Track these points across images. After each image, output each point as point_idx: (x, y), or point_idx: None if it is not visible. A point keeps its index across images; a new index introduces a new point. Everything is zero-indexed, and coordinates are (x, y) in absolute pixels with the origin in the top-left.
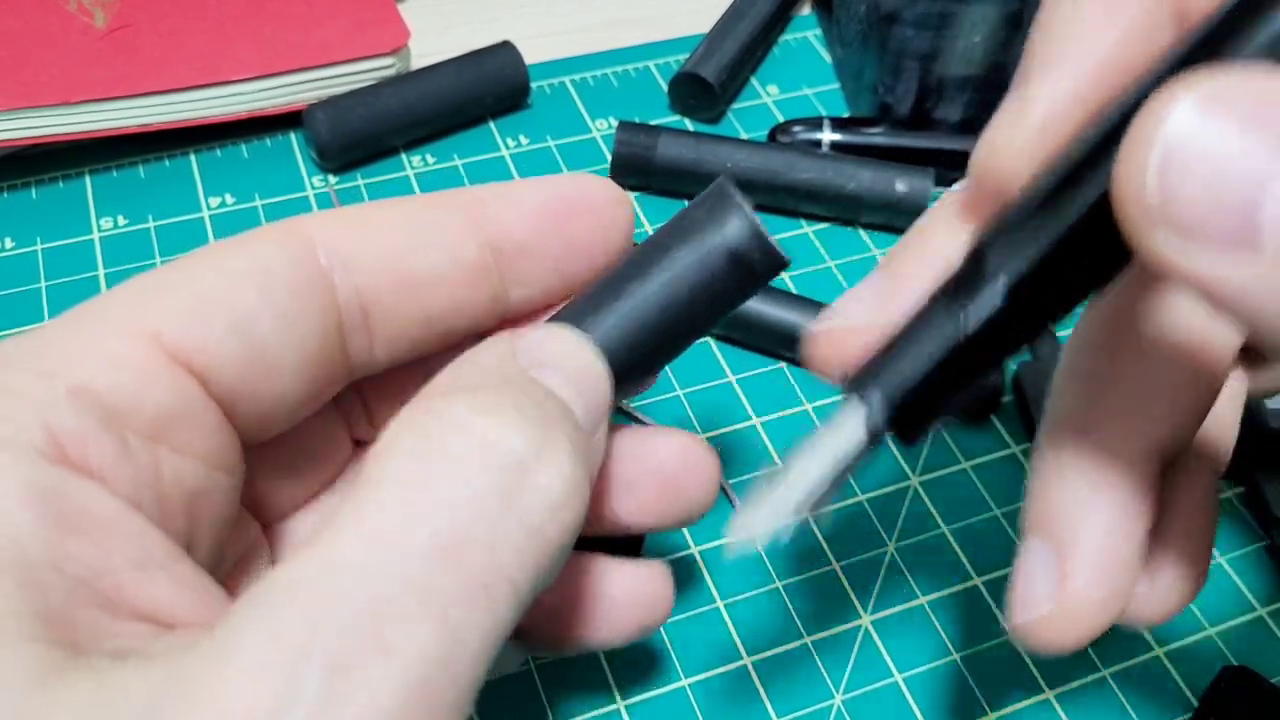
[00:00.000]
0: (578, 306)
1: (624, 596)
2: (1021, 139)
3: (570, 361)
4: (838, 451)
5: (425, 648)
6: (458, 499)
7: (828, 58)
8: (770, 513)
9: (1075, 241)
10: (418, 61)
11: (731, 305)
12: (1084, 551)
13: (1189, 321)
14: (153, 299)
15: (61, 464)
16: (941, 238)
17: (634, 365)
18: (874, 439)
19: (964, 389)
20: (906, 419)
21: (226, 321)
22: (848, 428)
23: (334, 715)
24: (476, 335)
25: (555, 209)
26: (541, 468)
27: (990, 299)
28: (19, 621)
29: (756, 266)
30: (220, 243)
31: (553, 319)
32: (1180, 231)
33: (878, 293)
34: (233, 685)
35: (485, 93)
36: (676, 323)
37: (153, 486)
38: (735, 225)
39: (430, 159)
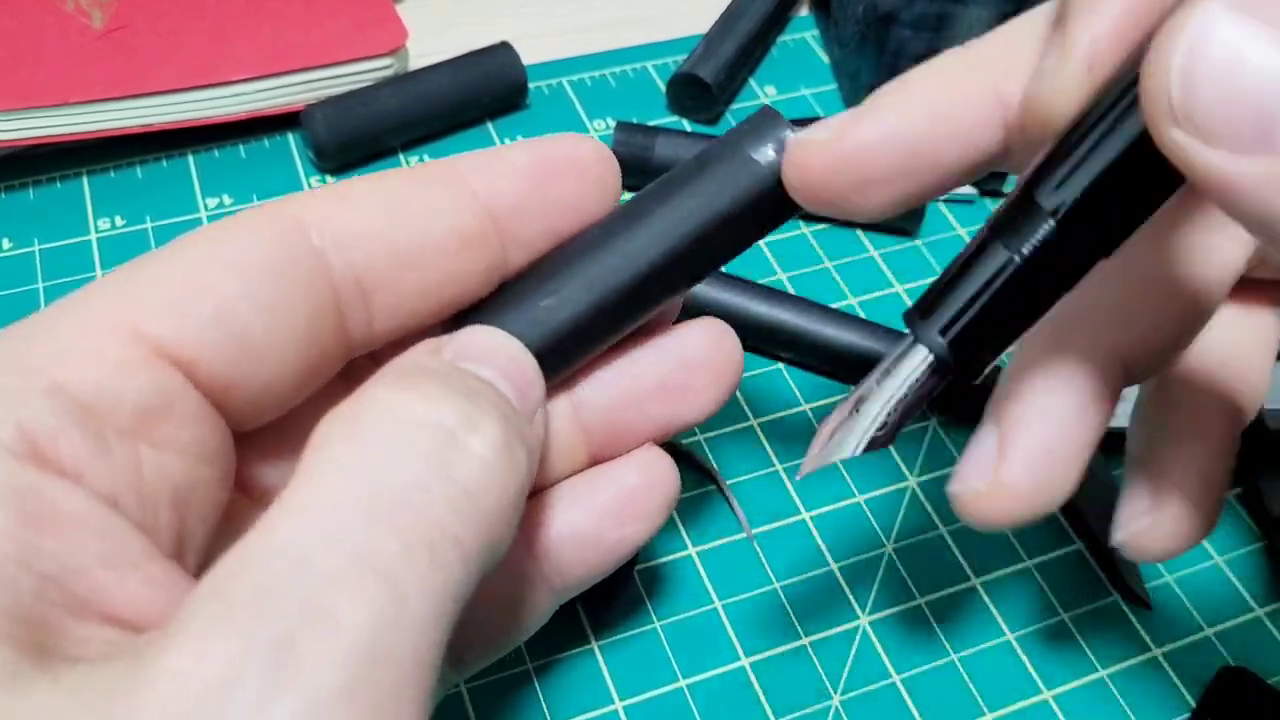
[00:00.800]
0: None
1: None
2: (1068, 77)
3: (497, 354)
4: (903, 387)
5: (372, 613)
6: (389, 469)
7: (825, 58)
8: (842, 442)
9: (1121, 171)
10: (416, 62)
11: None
12: (1024, 440)
13: (1183, 238)
14: (132, 291)
15: (34, 462)
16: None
17: (637, 297)
18: (938, 374)
19: (1021, 326)
20: (966, 355)
21: (207, 310)
22: (911, 363)
23: (284, 688)
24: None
25: (543, 169)
26: (471, 436)
27: (1040, 231)
28: None
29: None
30: (204, 229)
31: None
32: (1199, 130)
33: (853, 117)
34: (181, 668)
35: (483, 93)
36: (690, 249)
37: (132, 483)
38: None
39: (428, 160)
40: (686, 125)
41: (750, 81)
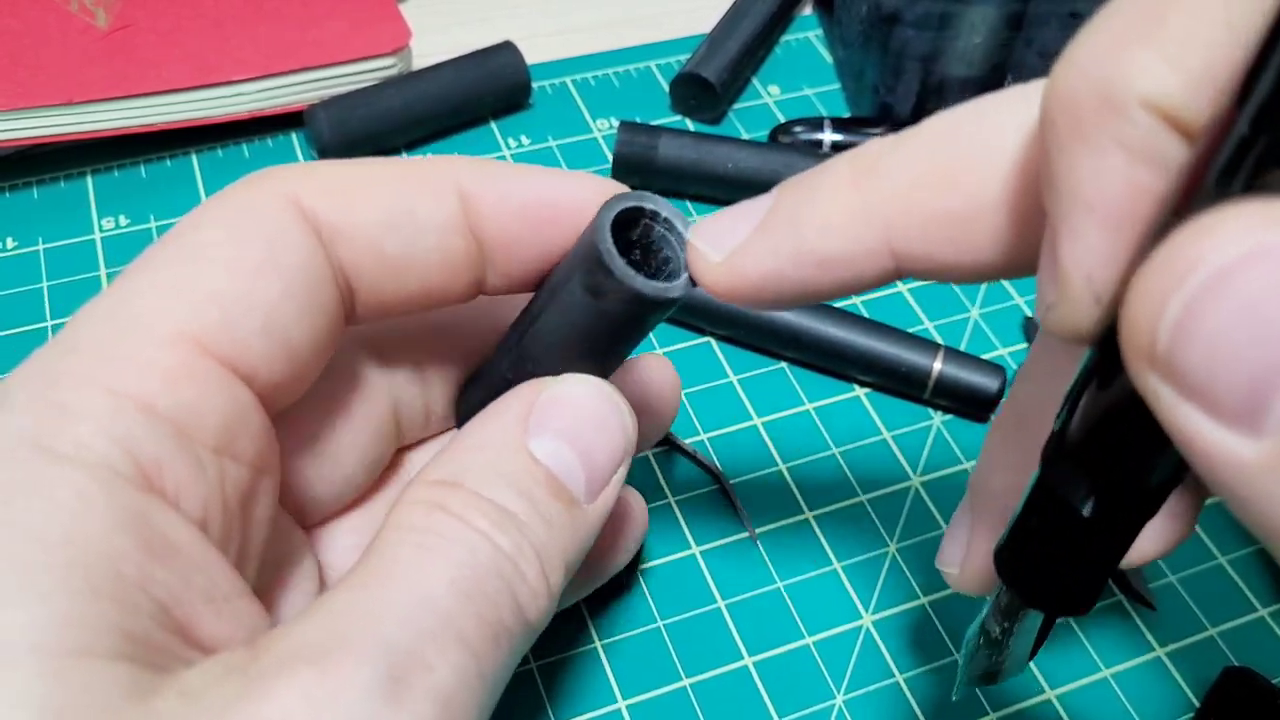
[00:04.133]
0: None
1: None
2: (1079, 315)
3: (583, 426)
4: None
5: (456, 671)
6: (468, 569)
7: (829, 58)
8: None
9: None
10: (419, 61)
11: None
12: (989, 532)
13: None
14: (181, 301)
15: (147, 490)
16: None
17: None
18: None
19: (1104, 569)
20: (1070, 604)
21: (258, 320)
22: (1027, 619)
23: (395, 712)
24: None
25: (545, 213)
26: (526, 566)
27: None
28: (115, 639)
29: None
30: (210, 214)
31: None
32: (1183, 390)
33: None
34: (305, 686)
35: (486, 93)
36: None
37: (219, 503)
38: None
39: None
40: (690, 125)
41: (754, 81)
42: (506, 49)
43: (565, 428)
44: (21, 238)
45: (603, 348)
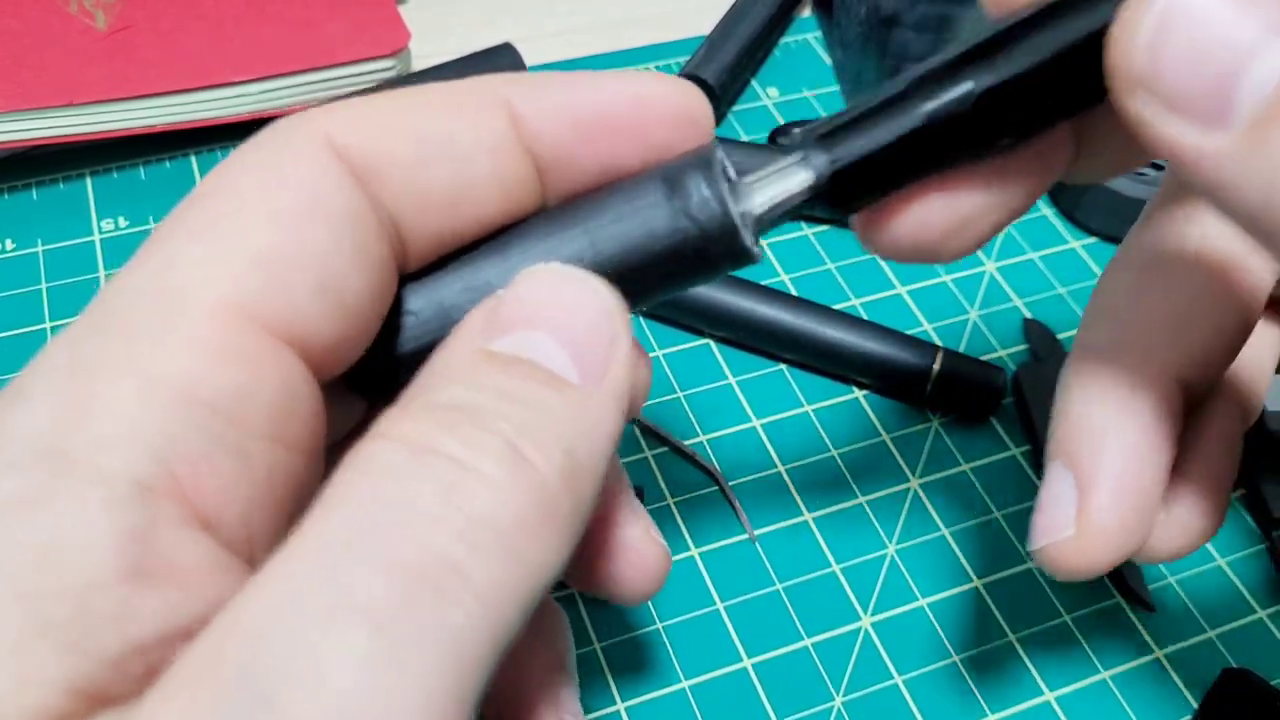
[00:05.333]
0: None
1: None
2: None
3: (549, 310)
4: (781, 193)
5: (357, 663)
6: (387, 507)
7: (828, 60)
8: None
9: (1052, 72)
10: (418, 63)
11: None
12: (1105, 476)
13: (1223, 245)
14: (223, 265)
15: (166, 499)
16: None
17: None
18: (813, 193)
19: (902, 180)
20: (845, 184)
21: (311, 279)
22: (793, 179)
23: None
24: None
25: (606, 121)
26: (482, 457)
27: (954, 99)
28: (59, 699)
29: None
30: (239, 168)
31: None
32: (1161, 99)
33: None
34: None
35: None
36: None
37: (267, 501)
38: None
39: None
40: None
41: (753, 83)
42: (506, 51)
43: (526, 316)
44: (20, 239)
45: (644, 284)
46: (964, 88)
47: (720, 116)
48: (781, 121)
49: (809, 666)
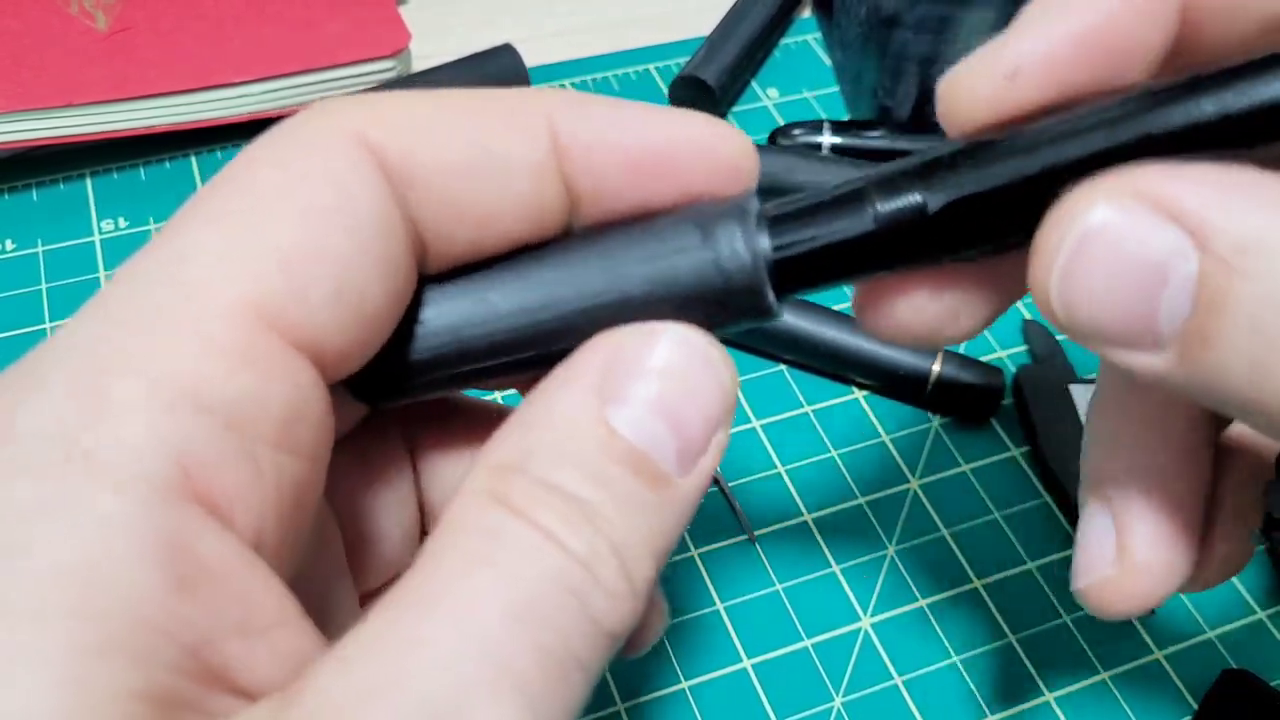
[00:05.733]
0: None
1: None
2: (986, 86)
3: (671, 385)
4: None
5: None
6: (527, 586)
7: (828, 61)
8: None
9: (1006, 199)
10: (418, 64)
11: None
12: (1142, 511)
13: None
14: (241, 262)
15: (189, 502)
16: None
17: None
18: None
19: (848, 277)
20: (786, 275)
21: (331, 284)
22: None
23: None
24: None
25: (650, 160)
26: (601, 567)
27: (903, 209)
28: (128, 706)
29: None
30: (264, 158)
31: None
32: (1083, 330)
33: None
34: None
35: None
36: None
37: (276, 510)
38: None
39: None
40: None
41: (753, 84)
42: (506, 51)
43: (650, 389)
44: (20, 240)
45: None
46: (913, 199)
47: (720, 117)
48: (781, 122)
49: (809, 667)
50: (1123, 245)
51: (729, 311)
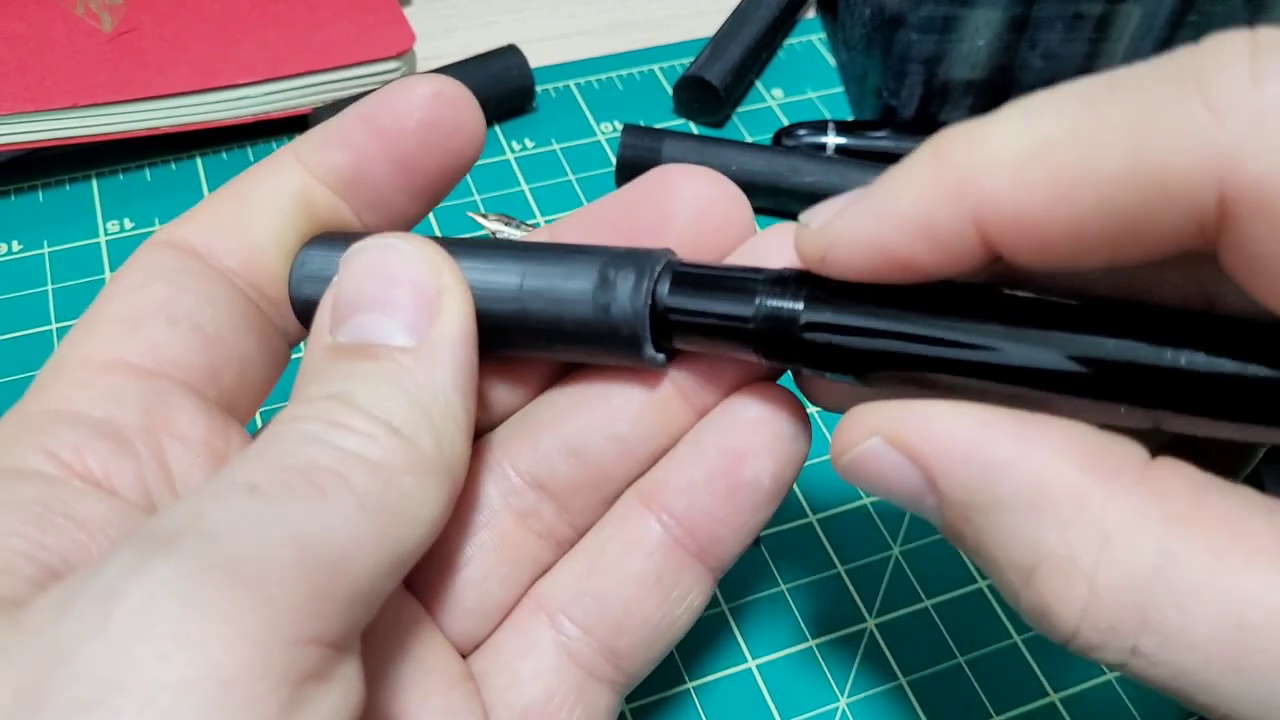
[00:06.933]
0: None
1: None
2: (806, 243)
3: (368, 284)
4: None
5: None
6: (290, 442)
7: (832, 61)
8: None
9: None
10: (423, 65)
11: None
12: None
13: None
14: (104, 333)
15: (64, 477)
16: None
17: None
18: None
19: (718, 348)
20: (664, 330)
21: (186, 327)
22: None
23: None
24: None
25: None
26: (351, 420)
27: (784, 316)
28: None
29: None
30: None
31: None
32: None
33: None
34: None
35: (490, 96)
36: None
37: (158, 472)
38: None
39: None
40: (693, 128)
41: (757, 84)
42: (510, 52)
43: (356, 300)
44: (26, 241)
45: (547, 340)
46: (795, 305)
47: (725, 118)
48: (786, 122)
49: (814, 667)
50: (879, 470)
51: (611, 353)
